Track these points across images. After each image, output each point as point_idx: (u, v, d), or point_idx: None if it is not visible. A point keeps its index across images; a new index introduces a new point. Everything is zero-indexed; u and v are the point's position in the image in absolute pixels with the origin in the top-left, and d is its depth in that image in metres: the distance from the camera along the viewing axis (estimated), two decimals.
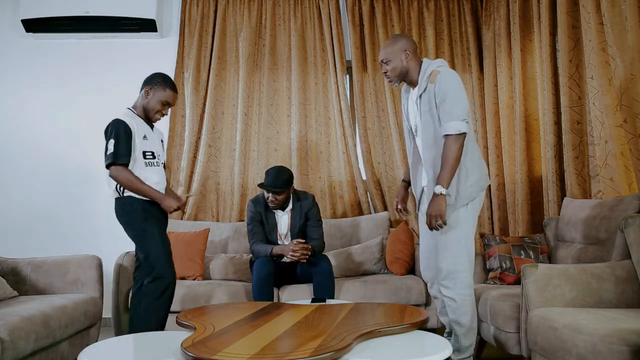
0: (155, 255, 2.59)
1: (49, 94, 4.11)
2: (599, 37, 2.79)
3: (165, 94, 2.70)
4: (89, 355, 1.85)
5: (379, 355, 1.77)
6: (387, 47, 2.55)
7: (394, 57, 2.51)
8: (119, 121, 2.60)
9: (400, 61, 2.50)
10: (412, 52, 2.51)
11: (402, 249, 3.52)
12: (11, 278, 2.89)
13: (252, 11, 4.14)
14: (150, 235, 2.60)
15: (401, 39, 2.56)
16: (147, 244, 2.60)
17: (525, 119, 3.63)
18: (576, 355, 1.84)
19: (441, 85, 2.38)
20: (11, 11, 4.09)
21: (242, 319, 2.18)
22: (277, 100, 4.15)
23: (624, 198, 2.56)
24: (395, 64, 2.51)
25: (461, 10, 4.21)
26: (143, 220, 2.61)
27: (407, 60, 2.50)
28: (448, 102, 2.36)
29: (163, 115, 2.77)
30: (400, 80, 2.56)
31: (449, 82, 2.38)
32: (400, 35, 2.64)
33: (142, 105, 2.73)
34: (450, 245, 2.44)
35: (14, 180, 4.04)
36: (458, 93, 2.38)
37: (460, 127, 2.34)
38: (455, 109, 2.36)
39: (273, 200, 3.20)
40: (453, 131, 2.34)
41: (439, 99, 2.39)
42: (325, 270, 3.05)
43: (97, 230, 3.95)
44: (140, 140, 2.64)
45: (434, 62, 2.52)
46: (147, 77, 2.75)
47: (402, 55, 2.50)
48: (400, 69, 2.52)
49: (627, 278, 2.27)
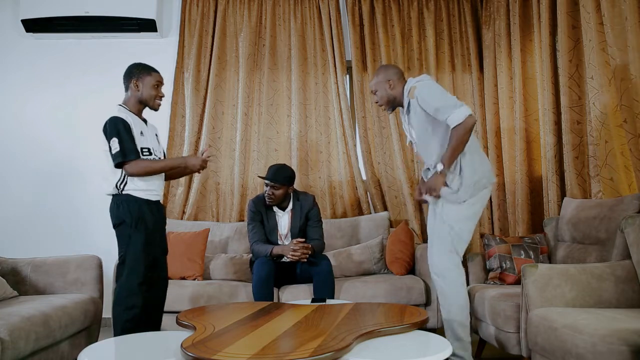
0: (130, 267, 2.54)
1: (49, 94, 4.11)
2: (599, 37, 2.79)
3: (152, 77, 2.68)
4: (89, 355, 1.85)
5: (379, 355, 1.77)
6: (373, 79, 2.78)
7: (380, 88, 2.73)
8: (116, 118, 2.56)
9: (385, 90, 2.71)
10: (396, 80, 2.70)
11: (402, 249, 3.52)
12: (11, 278, 2.89)
13: (252, 11, 4.14)
14: (134, 243, 2.55)
15: (384, 70, 2.77)
16: (127, 250, 2.55)
17: (525, 119, 3.63)
18: (576, 355, 1.84)
19: (422, 96, 2.53)
20: (11, 11, 4.10)
21: (242, 319, 2.18)
22: (277, 100, 4.15)
23: (624, 198, 2.56)
24: (382, 94, 2.73)
25: (461, 10, 4.21)
26: (132, 226, 2.55)
27: (392, 88, 2.70)
28: (437, 104, 2.48)
29: (162, 98, 2.73)
30: (390, 107, 2.77)
31: (427, 90, 2.53)
32: (384, 67, 2.82)
33: (137, 98, 2.68)
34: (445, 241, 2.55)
35: (14, 180, 4.04)
36: (439, 94, 2.51)
37: (461, 113, 2.43)
38: (446, 103, 2.46)
39: (270, 194, 3.20)
40: (459, 119, 2.43)
41: (428, 108, 2.52)
42: (325, 270, 3.05)
43: (97, 230, 3.95)
44: (138, 137, 2.60)
45: (415, 78, 2.68)
46: (126, 72, 2.70)
47: (386, 85, 2.71)
48: (387, 97, 2.72)
49: (627, 278, 2.27)
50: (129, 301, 2.51)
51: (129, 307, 2.50)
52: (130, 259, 2.54)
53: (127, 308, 2.50)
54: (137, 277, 2.52)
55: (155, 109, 2.73)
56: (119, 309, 2.53)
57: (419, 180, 2.99)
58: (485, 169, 2.60)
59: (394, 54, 4.13)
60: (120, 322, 2.51)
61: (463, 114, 2.42)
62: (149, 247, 2.58)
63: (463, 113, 2.42)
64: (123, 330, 2.48)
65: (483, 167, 2.59)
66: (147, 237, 2.57)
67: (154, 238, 2.63)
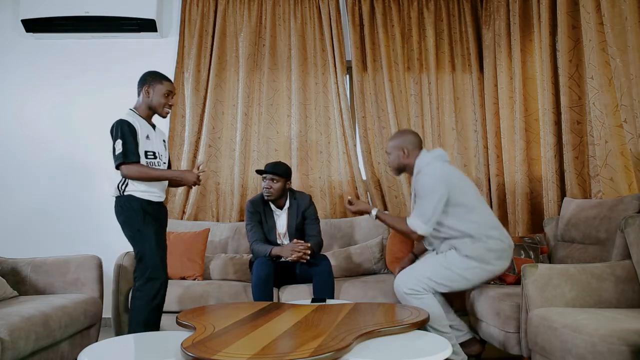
0: (149, 256, 2.60)
1: (49, 94, 4.11)
2: (599, 37, 2.79)
3: (163, 86, 2.76)
4: (89, 355, 1.85)
5: (379, 355, 1.77)
6: (390, 140, 2.85)
7: (393, 152, 2.81)
8: (122, 121, 2.63)
9: (397, 157, 2.79)
10: (411, 150, 2.76)
11: (402, 249, 3.52)
12: (11, 278, 2.89)
13: (252, 11, 4.14)
14: (146, 236, 2.61)
15: (401, 136, 2.81)
16: (142, 245, 2.61)
17: (525, 119, 3.63)
18: (576, 355, 1.84)
19: (419, 183, 2.65)
20: (11, 11, 4.10)
21: (242, 319, 2.18)
22: (277, 100, 4.15)
23: (624, 198, 2.56)
24: (393, 159, 2.81)
25: (461, 10, 4.21)
26: (140, 221, 2.62)
27: (405, 157, 2.77)
28: (420, 200, 2.62)
29: (171, 107, 2.81)
30: (398, 172, 2.85)
31: (425, 183, 2.62)
32: (402, 133, 2.86)
33: (147, 104, 2.76)
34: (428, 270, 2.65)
35: (14, 179, 4.04)
36: (428, 195, 2.59)
37: (417, 226, 2.61)
38: (422, 209, 2.60)
39: (268, 187, 3.22)
40: (415, 228, 2.62)
41: (417, 195, 2.67)
42: (325, 270, 3.05)
43: (97, 230, 3.95)
44: (143, 140, 2.67)
45: (428, 155, 2.74)
46: (140, 79, 2.79)
47: (400, 152, 2.78)
48: (397, 164, 2.81)
49: (627, 278, 2.27)
50: (152, 290, 2.57)
51: (152, 297, 2.57)
52: (148, 251, 2.60)
53: (150, 299, 2.57)
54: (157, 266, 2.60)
55: (163, 116, 2.82)
56: (141, 301, 2.58)
57: None
58: (497, 265, 2.65)
59: (394, 54, 4.13)
60: (144, 313, 2.56)
61: (418, 227, 2.59)
62: (160, 238, 2.66)
63: (419, 227, 2.59)
64: (147, 322, 2.55)
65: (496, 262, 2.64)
66: (156, 229, 2.65)
67: (161, 234, 2.71)
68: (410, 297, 2.60)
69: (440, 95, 4.17)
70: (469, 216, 2.62)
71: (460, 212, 2.61)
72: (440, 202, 2.58)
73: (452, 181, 2.63)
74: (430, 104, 4.13)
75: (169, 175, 2.74)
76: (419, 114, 4.13)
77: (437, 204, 2.58)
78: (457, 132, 4.12)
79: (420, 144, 2.79)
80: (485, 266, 2.60)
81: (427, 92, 4.14)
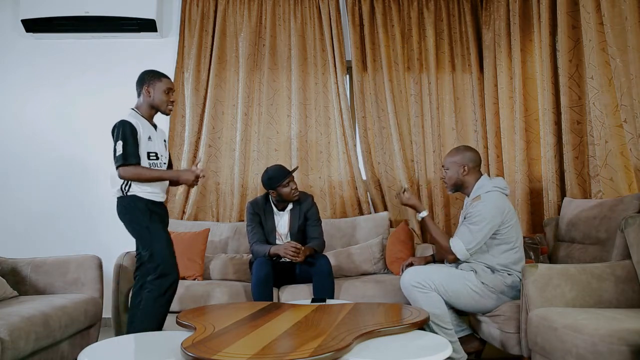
0: (159, 253, 2.60)
1: (49, 94, 4.11)
2: (599, 37, 2.79)
3: (162, 83, 2.77)
4: (89, 355, 1.85)
5: (379, 355, 1.77)
6: (450, 155, 2.76)
7: (452, 168, 2.72)
8: (124, 122, 2.63)
9: (456, 173, 2.71)
10: (471, 168, 2.70)
11: (402, 249, 3.52)
12: (11, 278, 2.89)
13: (252, 11, 4.14)
14: (155, 233, 2.63)
15: (463, 152, 2.73)
16: (151, 242, 2.62)
17: (525, 119, 3.63)
18: (576, 355, 1.84)
19: (474, 210, 2.58)
20: (11, 11, 4.10)
21: (242, 319, 2.18)
22: (277, 100, 4.15)
23: (624, 198, 2.56)
24: (452, 174, 2.73)
25: (461, 10, 4.21)
26: (147, 219, 2.63)
27: (464, 175, 2.70)
28: (473, 225, 2.55)
29: (173, 103, 2.81)
30: (454, 189, 2.77)
31: (481, 210, 2.55)
32: (464, 149, 2.78)
33: (149, 103, 2.76)
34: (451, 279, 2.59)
35: (14, 180, 4.04)
36: (485, 221, 2.53)
37: (459, 251, 2.57)
38: (474, 234, 2.54)
39: (295, 189, 3.24)
40: (455, 250, 2.58)
41: (468, 215, 2.60)
42: (324, 270, 3.05)
43: (97, 230, 3.95)
44: (145, 141, 2.68)
45: (490, 183, 2.66)
46: (139, 78, 2.79)
47: (460, 169, 2.70)
48: (455, 180, 2.73)
49: (627, 278, 2.27)
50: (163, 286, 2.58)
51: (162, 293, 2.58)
52: (158, 248, 2.61)
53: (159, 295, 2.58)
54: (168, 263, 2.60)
55: (167, 114, 2.83)
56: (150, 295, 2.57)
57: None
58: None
59: (394, 54, 4.13)
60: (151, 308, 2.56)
61: (459, 251, 2.55)
62: (168, 237, 2.67)
63: (460, 252, 2.55)
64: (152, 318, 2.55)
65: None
66: (163, 226, 2.68)
67: (167, 233, 2.72)
68: (416, 290, 2.57)
69: (440, 95, 4.17)
70: (506, 254, 2.60)
71: (502, 248, 2.59)
72: (490, 233, 2.55)
73: (507, 216, 2.59)
74: (430, 104, 4.13)
75: (165, 176, 2.74)
76: (419, 114, 4.13)
77: (486, 235, 2.54)
78: (457, 132, 4.12)
79: (479, 163, 2.74)
80: (500, 296, 2.57)
81: (427, 92, 4.14)
